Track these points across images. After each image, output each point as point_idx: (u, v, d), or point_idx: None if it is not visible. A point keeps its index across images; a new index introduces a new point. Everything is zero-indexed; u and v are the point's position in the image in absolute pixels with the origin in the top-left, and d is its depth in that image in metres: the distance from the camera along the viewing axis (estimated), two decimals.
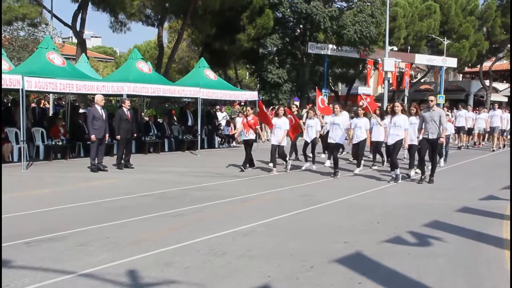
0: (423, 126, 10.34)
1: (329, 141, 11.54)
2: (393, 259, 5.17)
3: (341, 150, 12.86)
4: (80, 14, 22.45)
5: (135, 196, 8.66)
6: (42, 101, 22.27)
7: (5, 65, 15.52)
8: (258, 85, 35.70)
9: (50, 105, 21.65)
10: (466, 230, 6.40)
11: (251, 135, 12.40)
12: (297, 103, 26.58)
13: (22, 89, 11.64)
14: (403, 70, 37.39)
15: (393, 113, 10.58)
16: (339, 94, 43.53)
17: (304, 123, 13.75)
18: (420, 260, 5.14)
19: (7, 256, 5.06)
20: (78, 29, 22.67)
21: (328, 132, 12.12)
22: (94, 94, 13.34)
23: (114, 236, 6.00)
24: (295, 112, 15.32)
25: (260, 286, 4.41)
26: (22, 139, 12.19)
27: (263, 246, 5.62)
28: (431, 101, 10.23)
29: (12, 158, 13.09)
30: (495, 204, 8.07)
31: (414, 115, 11.20)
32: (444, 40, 36.29)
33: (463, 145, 19.14)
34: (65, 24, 23.57)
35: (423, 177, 10.45)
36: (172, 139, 17.66)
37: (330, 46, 30.88)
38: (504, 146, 19.78)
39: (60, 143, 13.98)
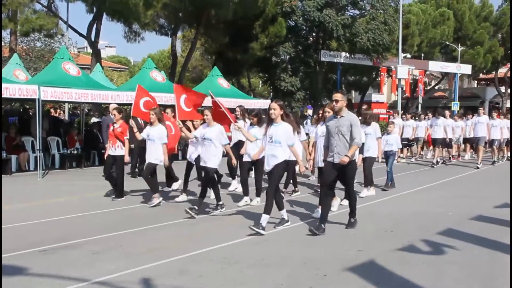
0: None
1: (201, 163, 8.04)
2: (407, 267, 5.13)
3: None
4: (95, 25, 22.73)
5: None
6: (58, 111, 22.60)
7: (22, 75, 15.79)
8: (271, 93, 35.77)
9: (66, 114, 21.94)
10: (481, 238, 6.32)
11: (119, 150, 9.07)
12: (310, 111, 26.60)
13: (38, 99, 11.84)
14: (417, 77, 37.19)
15: (269, 120, 6.83)
16: (353, 101, 43.38)
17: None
18: (434, 269, 5.10)
19: (24, 264, 5.14)
20: (93, 39, 22.96)
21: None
22: (109, 103, 13.49)
23: (128, 244, 6.05)
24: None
25: None
26: (38, 148, 12.38)
27: (276, 255, 5.62)
28: (336, 101, 6.57)
29: (28, 167, 13.27)
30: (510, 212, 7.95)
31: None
32: (458, 47, 36.04)
33: (438, 161, 15.29)
34: (80, 34, 23.89)
35: (322, 225, 6.57)
36: (186, 147, 17.70)
37: (343, 54, 30.86)
38: (494, 162, 15.68)
39: (75, 152, 14.14)
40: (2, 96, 11.20)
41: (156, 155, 8.57)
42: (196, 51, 33.81)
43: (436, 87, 46.97)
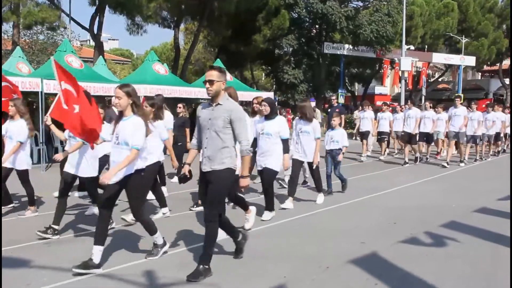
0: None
1: (65, 169, 6.37)
2: (410, 260, 5.12)
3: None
4: (97, 17, 22.72)
5: (152, 197, 8.69)
6: None
7: (25, 68, 15.81)
8: (274, 86, 35.71)
9: None
10: (484, 231, 6.31)
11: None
12: (313, 103, 26.54)
13: (41, 92, 11.86)
14: (420, 69, 37.03)
15: (120, 115, 4.94)
16: (356, 94, 43.30)
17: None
18: (437, 262, 5.10)
19: (27, 256, 5.16)
20: (95, 32, 22.96)
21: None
22: (111, 96, 13.49)
23: (130, 237, 6.06)
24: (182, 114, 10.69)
25: (275, 287, 4.42)
26: (41, 141, 12.41)
27: (279, 247, 5.63)
28: (210, 82, 4.58)
29: (32, 160, 13.26)
30: None
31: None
32: (462, 39, 35.83)
33: (420, 158, 13.84)
34: (83, 27, 23.89)
35: (202, 268, 4.55)
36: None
37: (346, 46, 30.74)
38: (481, 158, 14.46)
39: None
40: None
41: (19, 157, 7.09)
42: (199, 44, 33.76)
43: (440, 79, 46.76)
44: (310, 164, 8.10)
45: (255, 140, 7.15)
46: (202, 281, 4.48)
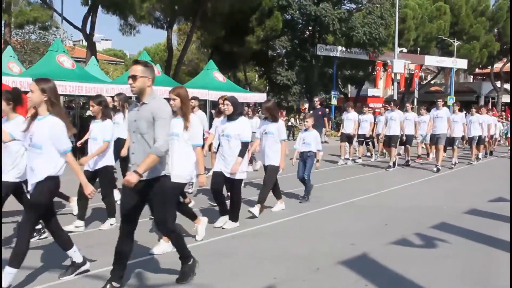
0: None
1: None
2: (401, 261, 5.13)
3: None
4: (90, 17, 22.64)
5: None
6: None
7: (16, 68, 15.71)
8: (267, 87, 35.73)
9: None
10: (476, 233, 6.33)
11: None
12: (306, 105, 26.62)
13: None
14: (413, 72, 37.22)
15: (35, 113, 4.28)
16: (349, 96, 43.42)
17: None
18: (428, 263, 5.11)
19: None
20: (88, 32, 22.87)
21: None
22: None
23: None
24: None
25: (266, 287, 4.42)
26: None
27: (270, 248, 5.61)
28: (133, 78, 4.17)
29: None
30: (504, 206, 7.97)
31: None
32: (454, 42, 36.07)
33: (394, 163, 12.85)
34: (75, 27, 23.80)
35: (187, 267, 4.52)
36: None
37: (339, 48, 30.81)
38: (455, 163, 13.33)
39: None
40: None
41: None
42: (192, 44, 33.75)
43: (432, 82, 47.02)
44: (268, 167, 7.31)
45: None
46: (193, 281, 4.46)
